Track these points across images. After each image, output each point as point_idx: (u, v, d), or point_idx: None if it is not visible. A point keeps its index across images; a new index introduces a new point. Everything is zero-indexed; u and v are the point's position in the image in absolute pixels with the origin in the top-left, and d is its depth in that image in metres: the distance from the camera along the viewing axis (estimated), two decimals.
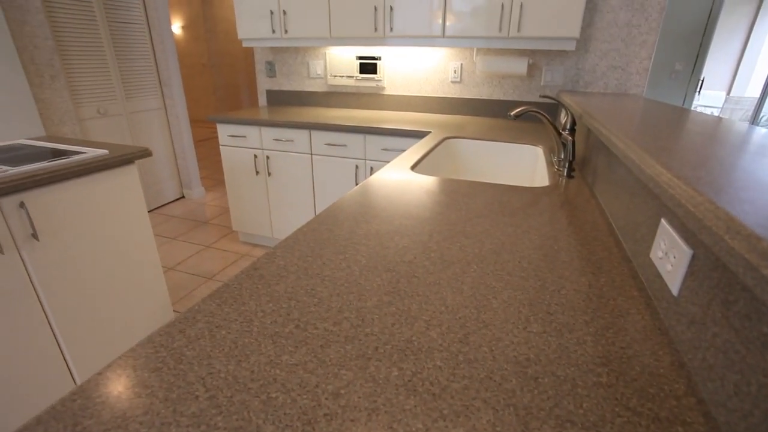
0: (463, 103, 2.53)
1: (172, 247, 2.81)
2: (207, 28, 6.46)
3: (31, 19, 2.42)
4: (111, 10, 2.88)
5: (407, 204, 0.98)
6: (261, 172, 2.48)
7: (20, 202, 1.26)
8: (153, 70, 3.25)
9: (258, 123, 2.34)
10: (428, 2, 2.09)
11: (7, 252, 1.25)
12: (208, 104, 7.13)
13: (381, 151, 2.16)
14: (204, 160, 5.12)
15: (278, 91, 2.97)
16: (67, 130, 2.68)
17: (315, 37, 2.37)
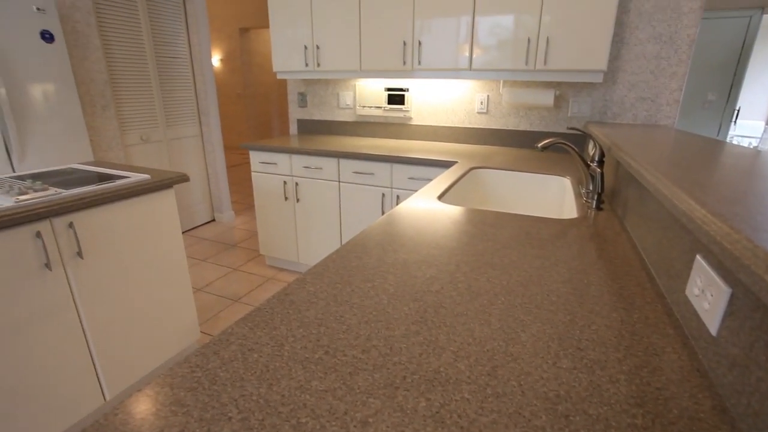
0: (489, 134, 2.55)
1: (201, 268, 2.89)
2: (243, 61, 6.83)
3: (90, 55, 2.63)
4: (160, 46, 3.11)
5: (434, 234, 0.99)
6: (290, 198, 2.55)
7: (69, 223, 1.35)
8: (193, 100, 3.45)
9: (289, 151, 2.43)
10: (455, 36, 2.16)
11: (54, 269, 1.33)
12: (241, 131, 7.45)
13: (407, 179, 2.19)
14: (234, 185, 5.30)
15: (309, 121, 3.08)
16: (113, 156, 2.85)
17: (346, 69, 2.47)
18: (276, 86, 7.39)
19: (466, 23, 2.12)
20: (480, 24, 2.09)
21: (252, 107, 7.15)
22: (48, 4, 2.25)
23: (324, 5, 2.42)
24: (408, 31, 2.25)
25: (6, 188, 1.33)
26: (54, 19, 2.29)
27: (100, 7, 2.72)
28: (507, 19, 2.04)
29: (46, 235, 1.30)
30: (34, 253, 1.27)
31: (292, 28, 2.55)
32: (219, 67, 7.10)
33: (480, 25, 2.10)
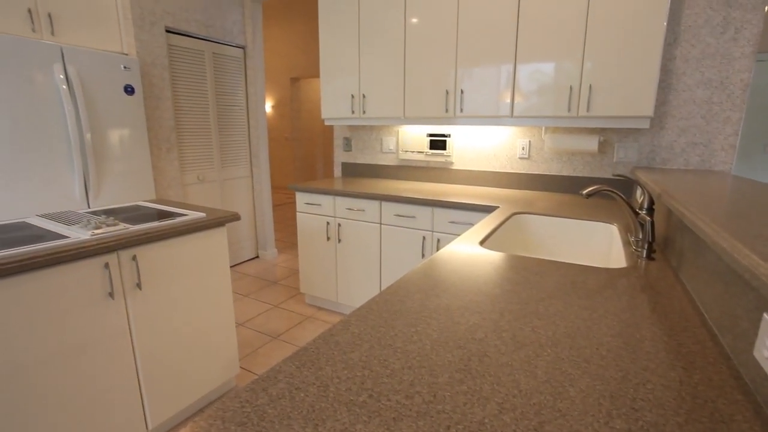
0: (531, 179, 2.54)
1: (244, 303, 2.98)
2: (293, 108, 7.29)
3: (161, 105, 2.94)
4: (221, 96, 3.42)
5: (477, 280, 0.99)
6: (332, 239, 2.62)
7: (133, 256, 1.46)
8: (246, 144, 3.71)
9: (333, 193, 2.53)
10: (496, 84, 2.22)
11: (116, 298, 1.43)
12: (287, 173, 7.82)
13: (448, 223, 2.20)
14: (278, 224, 5.51)
15: (353, 164, 3.21)
16: (173, 194, 3.08)
17: (390, 117, 2.59)
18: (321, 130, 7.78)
19: (507, 71, 2.19)
20: (521, 72, 2.15)
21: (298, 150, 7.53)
22: (133, 64, 2.56)
23: (371, 57, 2.58)
24: (450, 80, 2.35)
25: (84, 222, 1.47)
26: (136, 75, 2.59)
27: (174, 63, 3.05)
28: (548, 67, 2.08)
29: (113, 266, 1.41)
30: (101, 282, 1.38)
31: (341, 78, 2.73)
32: (270, 113, 7.62)
33: (521, 73, 2.15)
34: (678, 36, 2.07)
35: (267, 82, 7.45)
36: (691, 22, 2.03)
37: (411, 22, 2.41)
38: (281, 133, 7.63)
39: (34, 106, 2.19)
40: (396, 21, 2.45)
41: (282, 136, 7.65)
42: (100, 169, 2.47)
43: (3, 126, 2.09)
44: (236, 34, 3.49)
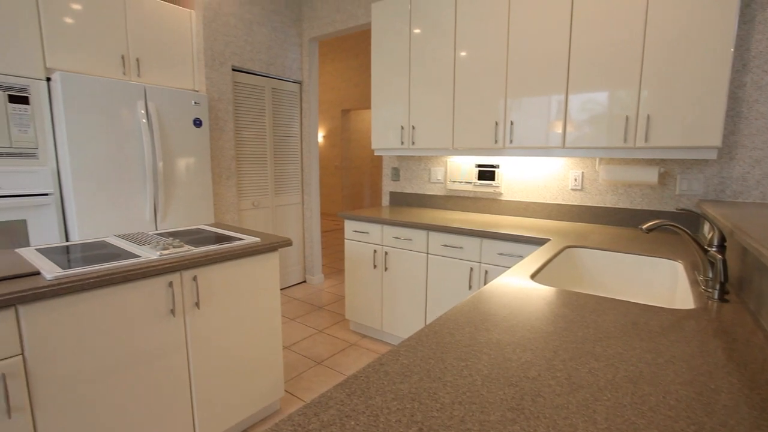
0: (584, 211, 2.45)
1: (289, 327, 3.04)
2: (343, 138, 7.57)
3: (224, 136, 3.18)
4: (277, 128, 3.64)
5: (528, 315, 0.96)
6: (378, 267, 2.65)
7: (194, 276, 1.56)
8: (298, 172, 3.89)
9: (381, 221, 2.57)
10: (547, 115, 2.20)
11: (177, 315, 1.52)
12: (335, 200, 8.05)
13: (497, 255, 2.16)
14: (325, 249, 5.64)
15: (400, 193, 3.26)
16: (229, 218, 3.27)
17: (439, 147, 2.62)
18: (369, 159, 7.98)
19: (558, 101, 2.16)
20: (573, 102, 2.12)
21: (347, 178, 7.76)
22: (202, 99, 2.81)
23: (420, 89, 2.66)
24: (500, 111, 2.36)
25: (153, 243, 1.60)
26: (205, 110, 2.83)
27: (238, 98, 3.31)
28: (601, 96, 2.04)
29: (176, 285, 1.51)
30: (165, 299, 1.48)
31: (391, 110, 2.82)
32: (322, 143, 7.96)
33: (573, 103, 2.12)
34: (747, 62, 1.96)
35: (320, 114, 7.84)
36: (762, 47, 1.92)
37: (460, 55, 2.47)
38: (331, 162, 7.92)
39: (119, 138, 2.45)
40: (445, 54, 2.52)
41: (332, 165, 7.93)
42: (168, 194, 2.69)
43: (94, 156, 2.35)
44: (294, 71, 3.73)
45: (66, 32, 2.39)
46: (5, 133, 2.20)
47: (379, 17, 2.82)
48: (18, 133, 2.24)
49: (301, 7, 3.74)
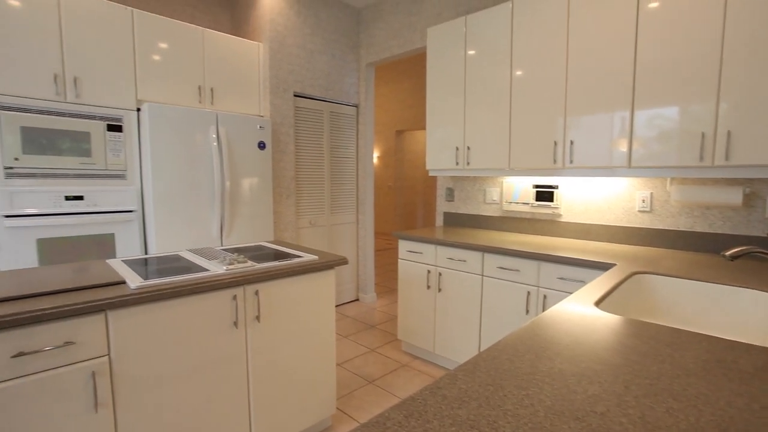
0: (654, 235, 2.28)
1: (342, 344, 3.08)
2: (397, 158, 7.69)
3: (285, 157, 3.36)
4: (334, 149, 3.79)
5: (594, 345, 0.90)
6: (432, 287, 2.63)
7: (256, 291, 1.64)
8: (353, 192, 4.00)
9: (435, 242, 2.56)
10: (609, 134, 2.10)
11: (239, 327, 1.60)
12: (388, 219, 8.13)
13: (556, 279, 2.06)
14: (378, 268, 5.68)
15: (455, 214, 3.23)
16: (288, 236, 3.42)
17: (495, 168, 2.59)
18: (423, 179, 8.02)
19: (621, 118, 2.06)
20: (639, 118, 2.01)
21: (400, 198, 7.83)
22: (267, 124, 3.00)
23: (476, 110, 2.65)
24: (558, 130, 2.29)
25: (221, 258, 1.72)
26: (268, 133, 3.03)
27: (299, 122, 3.50)
28: (671, 111, 1.91)
29: (240, 299, 1.60)
30: (230, 312, 1.57)
31: (446, 131, 2.84)
32: (376, 163, 8.14)
33: (639, 120, 2.01)
34: None
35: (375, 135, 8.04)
36: None
37: (516, 75, 2.44)
38: (385, 182, 8.05)
39: (192, 160, 2.67)
40: (501, 74, 2.51)
41: (385, 185, 8.05)
42: (233, 212, 2.87)
43: (171, 176, 2.59)
44: (351, 95, 3.89)
45: (154, 68, 2.69)
46: (102, 158, 2.49)
47: (435, 41, 2.87)
48: (112, 157, 2.52)
49: (359, 35, 3.91)
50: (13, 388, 1.14)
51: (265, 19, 3.23)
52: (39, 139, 2.29)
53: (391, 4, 3.62)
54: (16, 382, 1.15)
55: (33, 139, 2.27)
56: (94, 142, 2.46)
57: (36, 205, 2.29)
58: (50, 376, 1.20)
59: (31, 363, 1.17)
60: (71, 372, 1.24)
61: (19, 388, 1.15)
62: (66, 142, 2.37)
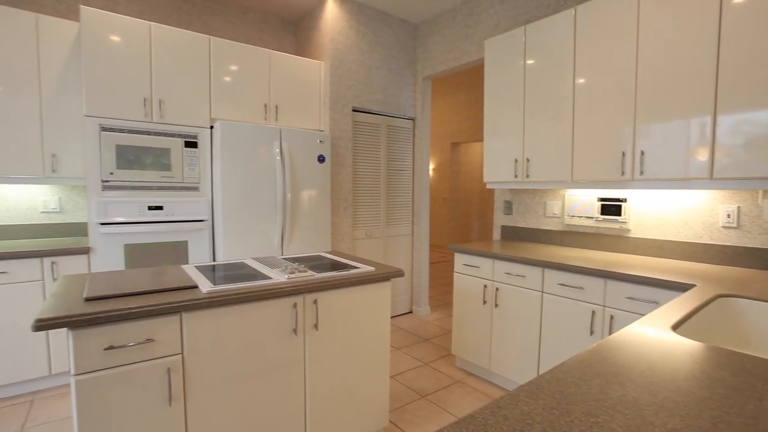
0: (741, 253, 2.05)
1: (395, 356, 3.07)
2: (452, 170, 7.62)
3: (343, 171, 3.47)
4: (391, 162, 3.84)
5: (673, 373, 0.83)
6: (488, 303, 2.55)
7: (315, 300, 1.70)
8: (409, 204, 4.02)
9: (492, 256, 2.50)
10: (685, 142, 1.93)
11: (298, 334, 1.66)
12: (442, 232, 8.05)
13: (625, 299, 1.92)
14: (431, 281, 5.63)
15: (513, 227, 3.13)
16: (344, 247, 3.51)
17: (556, 180, 2.48)
18: (479, 192, 7.86)
19: (701, 124, 1.89)
20: (722, 124, 1.83)
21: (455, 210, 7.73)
22: (326, 138, 3.12)
23: (535, 121, 2.57)
24: (627, 140, 2.15)
25: (283, 267, 1.80)
26: (328, 147, 3.14)
27: (357, 136, 3.60)
28: (763, 115, 1.72)
29: (300, 307, 1.66)
30: (290, 319, 1.64)
31: (504, 143, 2.78)
32: (431, 175, 8.12)
33: (722, 126, 1.83)
34: None
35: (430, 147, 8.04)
36: None
37: (579, 83, 2.34)
38: (440, 194, 8.00)
39: (257, 174, 2.84)
40: (563, 83, 2.42)
41: (440, 197, 8.00)
42: (293, 222, 3.00)
43: (238, 188, 2.77)
44: (408, 108, 3.94)
45: (226, 88, 2.91)
46: (180, 171, 2.73)
47: (493, 52, 2.84)
48: (188, 171, 2.76)
49: (416, 50, 3.96)
50: (104, 378, 1.27)
51: (327, 39, 3.39)
52: (129, 156, 2.56)
53: (447, 18, 3.64)
54: (106, 372, 1.27)
55: (125, 155, 2.54)
56: (174, 157, 2.70)
57: (124, 214, 2.55)
58: (133, 369, 1.32)
59: (119, 356, 1.30)
60: (150, 367, 1.35)
61: (108, 377, 1.28)
62: (150, 158, 2.62)
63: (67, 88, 2.61)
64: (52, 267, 2.42)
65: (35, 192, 2.83)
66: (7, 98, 2.46)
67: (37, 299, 2.40)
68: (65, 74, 2.61)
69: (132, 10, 3.13)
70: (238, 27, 3.63)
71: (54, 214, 2.89)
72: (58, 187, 2.90)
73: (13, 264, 2.33)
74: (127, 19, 2.56)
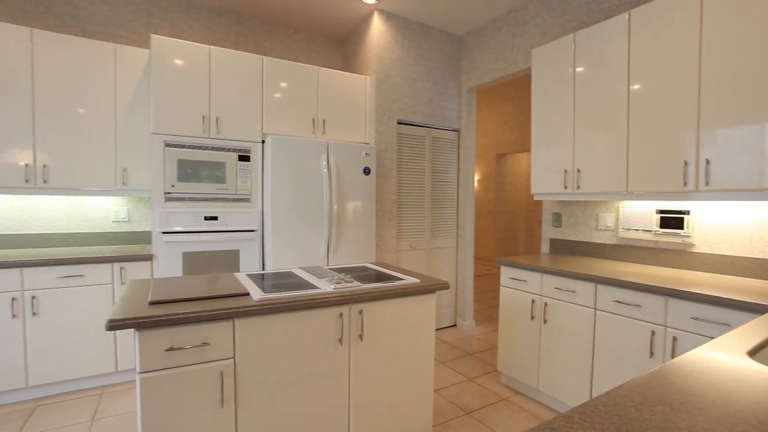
0: None
1: (438, 370, 3.02)
2: (497, 181, 7.47)
3: (387, 182, 3.50)
4: (435, 173, 3.84)
5: (752, 405, 0.76)
6: (536, 318, 2.46)
7: (360, 310, 1.72)
8: (453, 216, 3.98)
9: (541, 270, 2.41)
10: (759, 148, 1.77)
11: (344, 344, 1.69)
12: (487, 244, 7.87)
13: (689, 320, 1.78)
14: (476, 294, 5.50)
15: (562, 240, 3.01)
16: (389, 258, 3.52)
17: (609, 192, 2.37)
18: (525, 203, 7.64)
19: None
20: None
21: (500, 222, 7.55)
22: (372, 151, 3.18)
23: (587, 129, 2.48)
24: (690, 148, 2.01)
25: (329, 277, 1.84)
26: (373, 159, 3.20)
27: (401, 148, 3.64)
28: None
29: (345, 317, 1.69)
30: (335, 329, 1.67)
31: (552, 153, 2.69)
32: (476, 187, 8.00)
33: None
34: None
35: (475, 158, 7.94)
36: None
37: (633, 89, 2.23)
38: (485, 206, 7.85)
39: (305, 186, 2.94)
40: (616, 90, 2.32)
41: (485, 209, 7.85)
42: (339, 233, 3.06)
43: (286, 200, 2.88)
44: (452, 120, 3.93)
45: (276, 104, 3.06)
46: (233, 184, 2.88)
47: (540, 61, 2.78)
48: (241, 183, 2.91)
49: (461, 61, 3.96)
50: (164, 377, 1.35)
51: (372, 54, 3.47)
52: (188, 169, 2.74)
53: (492, 28, 3.62)
54: (167, 372, 1.36)
55: (184, 169, 2.73)
56: (228, 170, 2.86)
57: (183, 224, 2.72)
58: (190, 370, 1.40)
59: (178, 357, 1.38)
60: (205, 369, 1.42)
61: (168, 377, 1.36)
62: (206, 171, 2.80)
63: (136, 108, 2.86)
64: (120, 272, 2.63)
65: (108, 203, 3.10)
66: (88, 119, 2.73)
67: (107, 301, 2.61)
68: (136, 96, 2.85)
69: (195, 37, 3.38)
70: (289, 46, 3.81)
71: (123, 223, 3.15)
72: (127, 199, 3.15)
73: (89, 268, 2.55)
74: (190, 45, 2.77)
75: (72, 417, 2.30)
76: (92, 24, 3.03)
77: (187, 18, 3.35)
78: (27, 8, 2.85)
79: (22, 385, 2.42)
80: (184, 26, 3.35)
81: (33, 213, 2.88)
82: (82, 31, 3.01)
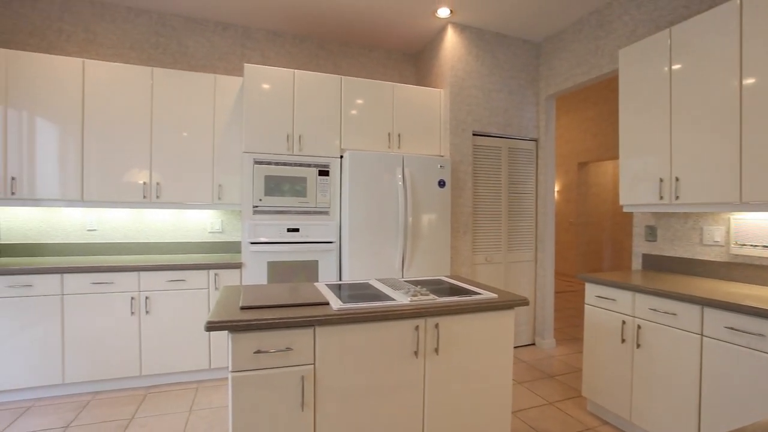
0: None
1: (516, 391, 2.87)
2: (579, 192, 6.99)
3: (463, 194, 3.47)
4: (512, 185, 3.72)
5: None
6: (628, 342, 2.24)
7: (436, 324, 1.71)
8: (532, 229, 3.80)
9: (633, 288, 2.20)
10: None
11: (419, 357, 1.69)
12: (569, 258, 7.37)
13: None
14: (557, 312, 5.16)
15: (657, 256, 2.72)
16: (464, 271, 3.46)
17: (717, 202, 2.10)
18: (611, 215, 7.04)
19: None
20: None
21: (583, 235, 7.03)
22: (446, 163, 3.18)
23: (686, 133, 2.23)
24: None
25: (405, 290, 1.86)
26: (448, 172, 3.19)
27: (477, 159, 3.59)
28: None
29: (421, 330, 1.69)
30: (411, 341, 1.68)
31: (644, 160, 2.46)
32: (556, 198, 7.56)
33: None
34: None
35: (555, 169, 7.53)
36: None
37: (748, 84, 1.96)
38: (566, 218, 7.39)
39: (381, 198, 3.02)
40: (725, 86, 2.06)
41: (566, 221, 7.38)
42: (414, 246, 3.08)
43: (363, 212, 2.97)
44: (530, 129, 3.78)
45: (354, 121, 3.20)
46: (314, 197, 3.06)
47: (629, 62, 2.58)
48: (320, 197, 3.07)
49: (538, 68, 3.81)
50: (252, 377, 1.46)
51: (446, 67, 3.48)
52: (273, 184, 2.97)
53: (572, 32, 3.44)
54: (255, 373, 1.47)
55: (270, 184, 2.96)
56: (309, 185, 3.04)
57: (268, 235, 2.94)
58: (275, 373, 1.49)
59: (264, 360, 1.48)
60: (288, 373, 1.51)
61: (256, 378, 1.47)
62: (288, 186, 3.00)
63: (230, 130, 3.18)
64: (214, 278, 2.91)
65: (205, 216, 3.45)
66: (191, 141, 3.09)
67: (203, 303, 2.89)
68: (230, 119, 3.17)
69: (281, 62, 3.68)
70: (364, 64, 3.97)
71: (217, 234, 3.49)
72: (221, 212, 3.49)
73: (190, 274, 2.87)
74: (277, 70, 3.03)
75: (175, 406, 2.57)
76: (197, 58, 3.45)
77: (273, 46, 3.66)
78: (150, 52, 3.34)
79: (137, 373, 2.77)
80: (272, 53, 3.66)
81: (147, 224, 3.32)
82: (189, 65, 3.43)
